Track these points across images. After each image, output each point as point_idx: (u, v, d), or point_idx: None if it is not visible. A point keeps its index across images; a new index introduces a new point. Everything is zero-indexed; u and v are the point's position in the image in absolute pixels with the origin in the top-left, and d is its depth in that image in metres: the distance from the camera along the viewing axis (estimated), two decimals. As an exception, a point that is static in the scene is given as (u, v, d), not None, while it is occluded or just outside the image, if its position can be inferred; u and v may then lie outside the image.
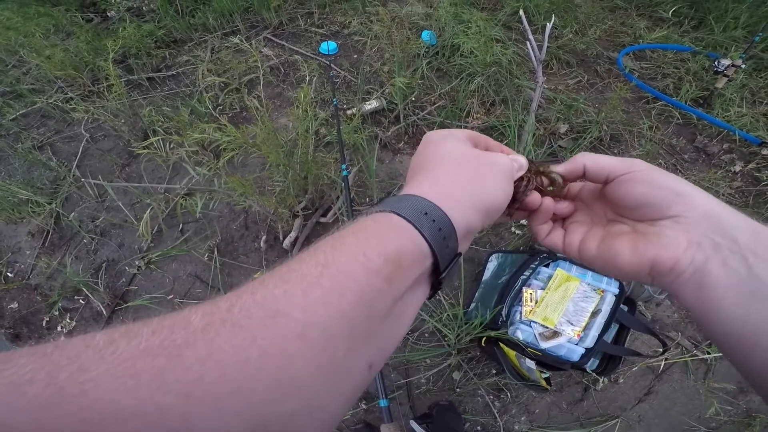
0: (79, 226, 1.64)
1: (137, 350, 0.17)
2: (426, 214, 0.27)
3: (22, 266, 1.62)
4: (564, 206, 0.37)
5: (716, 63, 1.75)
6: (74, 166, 1.80)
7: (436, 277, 0.28)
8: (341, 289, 0.22)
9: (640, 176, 0.31)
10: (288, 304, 0.21)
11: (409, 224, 0.26)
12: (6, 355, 0.17)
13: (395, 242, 0.25)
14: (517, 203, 0.35)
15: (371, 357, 0.24)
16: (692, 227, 0.28)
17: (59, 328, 1.51)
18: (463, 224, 0.28)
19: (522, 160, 0.35)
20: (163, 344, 0.18)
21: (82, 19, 2.24)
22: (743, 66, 1.75)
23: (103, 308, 1.50)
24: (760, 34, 1.81)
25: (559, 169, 0.36)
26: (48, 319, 1.52)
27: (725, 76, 1.77)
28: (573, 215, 0.38)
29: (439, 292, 0.31)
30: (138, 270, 1.56)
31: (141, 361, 0.17)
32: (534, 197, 0.36)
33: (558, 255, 1.22)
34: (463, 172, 0.31)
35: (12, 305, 1.56)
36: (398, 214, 0.27)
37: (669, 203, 0.29)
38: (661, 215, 0.30)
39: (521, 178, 0.36)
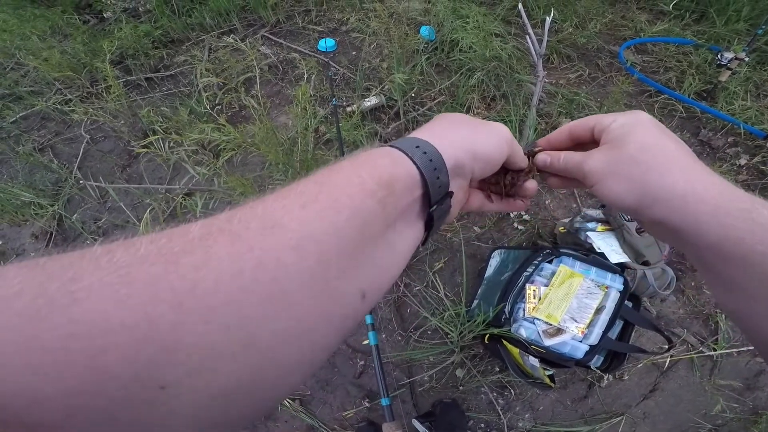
0: (82, 228, 1.64)
1: (134, 258, 0.17)
2: (418, 147, 0.28)
3: (26, 268, 1.62)
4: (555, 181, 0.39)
5: (719, 56, 1.71)
6: (75, 168, 1.80)
7: (429, 210, 0.29)
8: (337, 206, 0.22)
9: (595, 193, 0.32)
10: (285, 217, 0.21)
11: (402, 153, 0.27)
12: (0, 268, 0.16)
13: (388, 168, 0.26)
14: (514, 189, 0.38)
15: (363, 284, 0.24)
16: (651, 227, 0.32)
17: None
18: (452, 159, 0.29)
19: (524, 157, 0.37)
20: (160, 251, 0.17)
21: (79, 20, 2.22)
22: (747, 59, 1.71)
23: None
24: (763, 26, 1.76)
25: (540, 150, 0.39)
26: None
27: (728, 69, 1.73)
28: None
29: (441, 288, 0.33)
30: (140, 271, 1.55)
31: (136, 268, 0.16)
32: (531, 184, 0.38)
33: (561, 250, 1.20)
34: (458, 123, 0.33)
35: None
36: (391, 146, 0.28)
37: (625, 213, 0.34)
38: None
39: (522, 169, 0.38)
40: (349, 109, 1.76)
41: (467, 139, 0.31)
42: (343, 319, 0.23)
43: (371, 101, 1.78)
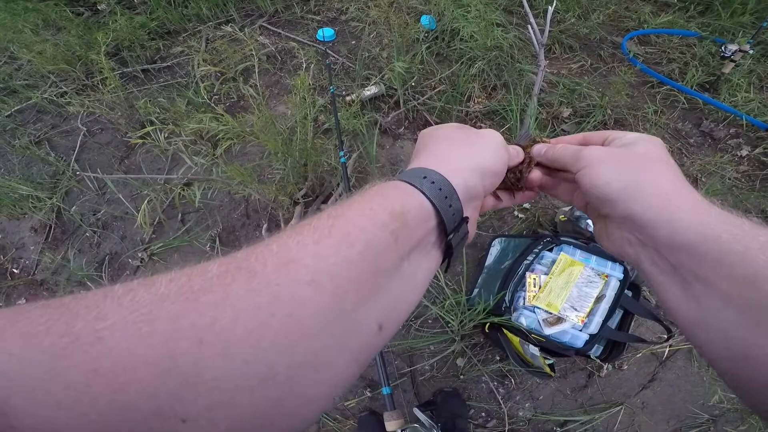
0: (81, 220, 1.65)
1: (155, 297, 0.18)
2: (425, 177, 0.29)
3: (27, 262, 1.63)
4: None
5: (723, 48, 1.72)
6: (73, 160, 1.80)
7: (446, 239, 0.29)
8: (350, 239, 0.23)
9: (580, 177, 0.32)
10: (300, 252, 0.21)
11: (410, 186, 0.28)
12: (23, 306, 0.17)
13: (399, 200, 0.26)
14: (521, 183, 0.38)
15: (380, 316, 0.24)
16: (621, 225, 0.30)
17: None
18: (462, 185, 0.30)
19: (517, 148, 0.38)
20: (180, 290, 0.18)
21: (72, 13, 2.21)
22: (751, 51, 1.71)
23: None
24: (768, 19, 1.77)
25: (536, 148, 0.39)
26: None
27: (732, 61, 1.73)
28: None
29: (441, 277, 0.34)
30: (141, 262, 1.56)
31: (158, 307, 0.17)
32: (535, 174, 0.38)
33: (562, 239, 1.21)
34: (456, 142, 0.33)
35: (20, 301, 1.57)
36: (399, 179, 0.29)
37: (598, 205, 0.31)
38: (599, 213, 0.32)
39: (522, 161, 0.38)
40: (348, 98, 1.76)
41: (471, 159, 0.31)
42: (360, 351, 0.23)
43: (371, 90, 1.78)
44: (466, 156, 0.31)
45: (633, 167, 0.30)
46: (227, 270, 0.20)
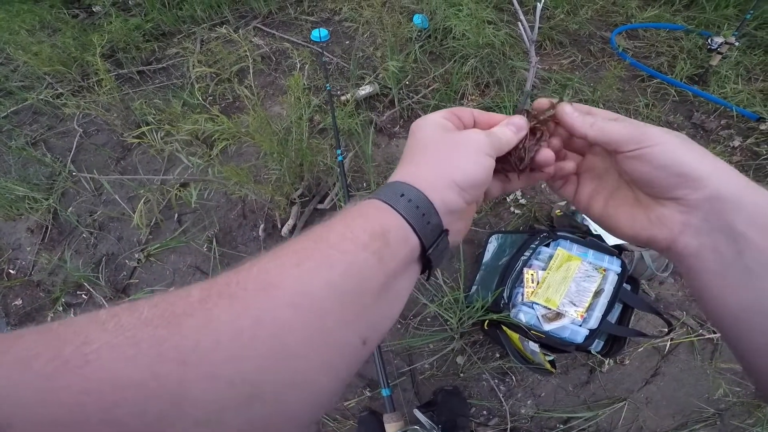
0: (77, 221, 1.56)
1: (138, 321, 0.17)
2: (402, 195, 0.27)
3: (24, 263, 1.54)
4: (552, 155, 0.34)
5: (709, 41, 1.65)
6: (69, 161, 1.71)
7: (426, 254, 0.27)
8: (330, 261, 0.22)
9: (647, 154, 0.27)
10: (280, 275, 0.21)
11: (387, 205, 0.26)
12: (17, 332, 0.17)
13: (379, 221, 0.25)
14: (524, 164, 0.32)
15: (364, 332, 0.23)
16: (692, 210, 0.26)
17: (63, 324, 1.43)
18: (440, 201, 0.28)
19: (517, 121, 0.32)
20: (163, 315, 0.18)
21: (68, 15, 2.10)
22: (736, 44, 1.64)
23: (105, 302, 1.42)
24: (751, 11, 1.70)
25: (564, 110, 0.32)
26: (52, 315, 1.45)
27: (719, 53, 1.66)
28: (588, 160, 0.34)
29: (439, 275, 0.31)
30: (138, 263, 1.47)
31: (141, 331, 0.17)
32: (545, 154, 0.32)
33: (558, 233, 1.13)
34: (435, 154, 0.30)
35: (16, 302, 1.49)
36: (378, 199, 0.27)
37: (672, 185, 0.27)
38: (663, 196, 0.28)
39: (532, 133, 0.32)
40: (343, 98, 1.67)
41: (447, 176, 0.29)
42: (345, 367, 0.23)
43: (365, 90, 1.69)
44: (443, 172, 0.29)
45: (709, 154, 0.27)
46: (208, 295, 0.19)
